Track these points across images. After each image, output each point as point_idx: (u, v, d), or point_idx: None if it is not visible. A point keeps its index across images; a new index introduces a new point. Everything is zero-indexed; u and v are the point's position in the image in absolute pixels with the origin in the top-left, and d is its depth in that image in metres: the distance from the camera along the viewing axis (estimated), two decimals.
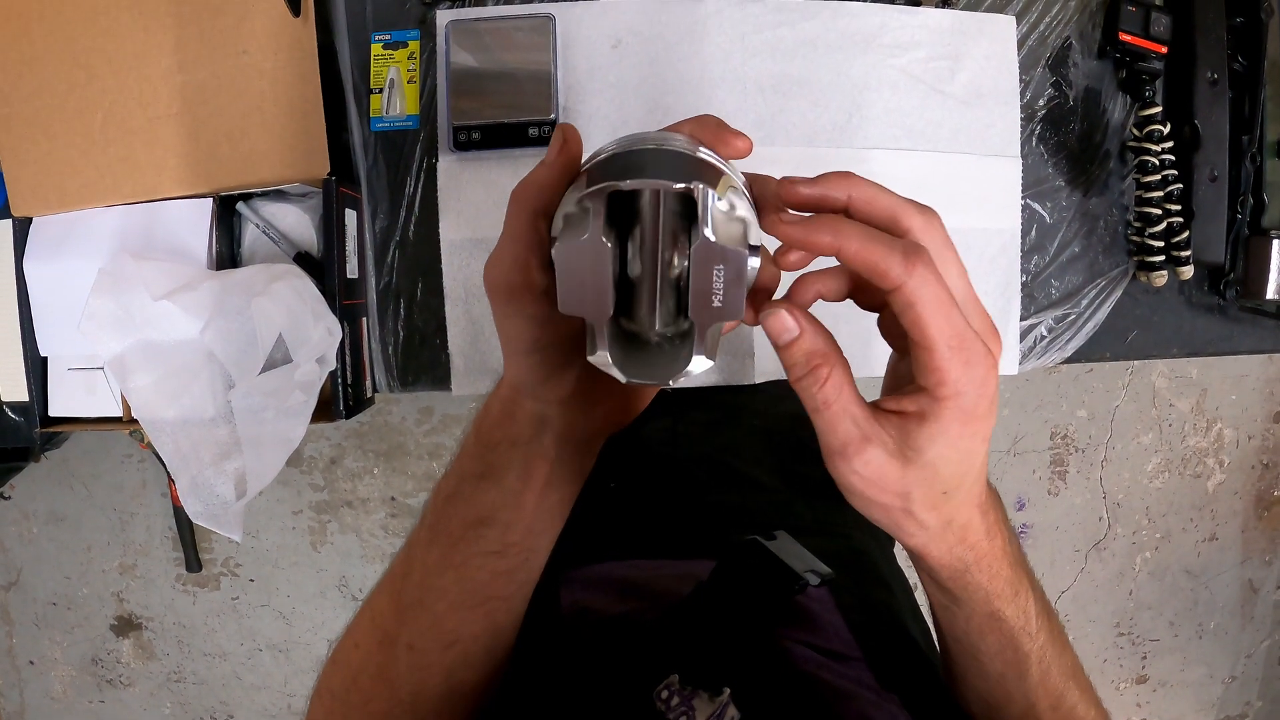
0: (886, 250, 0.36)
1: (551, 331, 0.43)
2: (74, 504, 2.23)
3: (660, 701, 0.50)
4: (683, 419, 0.94)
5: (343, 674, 0.56)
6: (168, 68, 0.91)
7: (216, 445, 0.85)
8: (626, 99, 0.91)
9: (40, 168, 0.94)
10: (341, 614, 2.25)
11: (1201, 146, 0.91)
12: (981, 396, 0.37)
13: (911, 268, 0.35)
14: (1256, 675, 2.35)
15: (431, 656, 0.52)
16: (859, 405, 0.39)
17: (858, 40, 0.91)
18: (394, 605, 0.53)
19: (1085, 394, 2.18)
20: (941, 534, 0.42)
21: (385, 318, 0.94)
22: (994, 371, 0.38)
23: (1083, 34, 0.95)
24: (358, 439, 2.17)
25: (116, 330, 0.85)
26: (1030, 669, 0.49)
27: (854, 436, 0.38)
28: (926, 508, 0.40)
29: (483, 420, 0.50)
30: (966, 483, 0.40)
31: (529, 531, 0.50)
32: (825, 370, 0.38)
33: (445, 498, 0.51)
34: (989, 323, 0.40)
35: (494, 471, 0.49)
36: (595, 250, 0.37)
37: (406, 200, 0.93)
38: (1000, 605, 0.46)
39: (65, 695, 2.35)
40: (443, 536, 0.51)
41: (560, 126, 0.41)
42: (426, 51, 0.92)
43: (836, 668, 0.55)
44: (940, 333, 0.36)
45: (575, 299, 0.37)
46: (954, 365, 0.36)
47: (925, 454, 0.38)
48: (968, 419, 0.38)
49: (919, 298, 0.36)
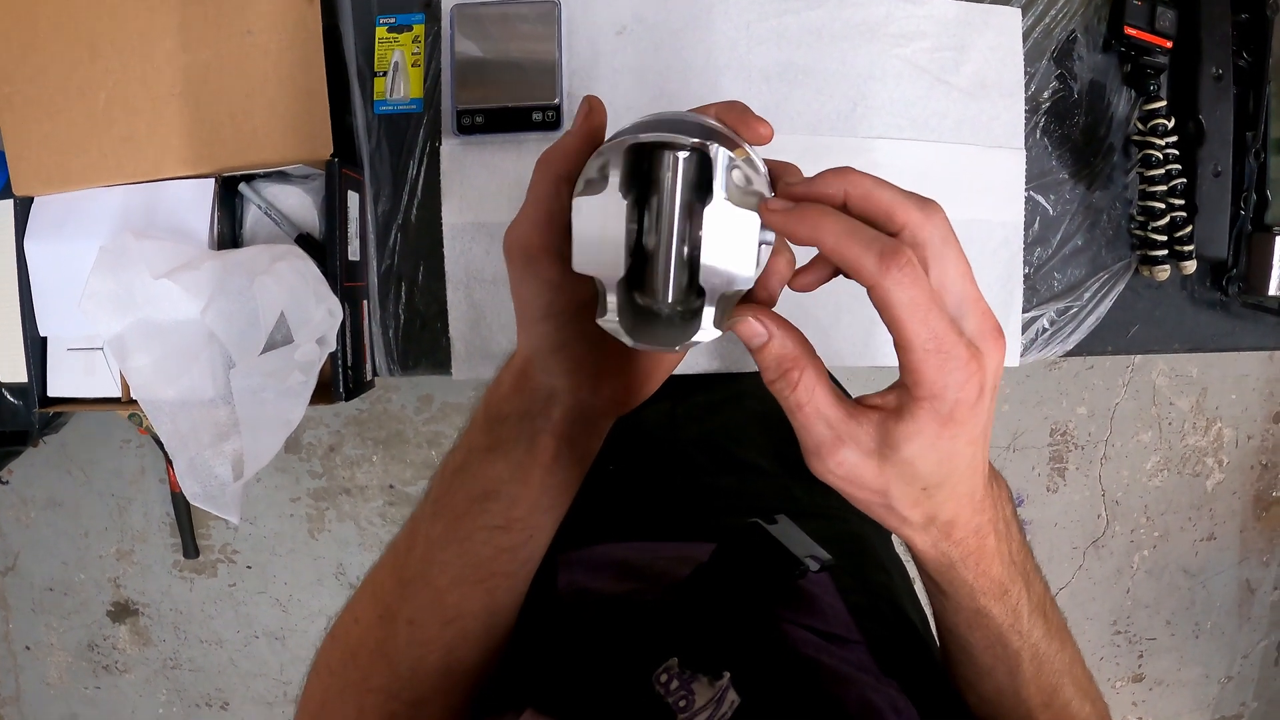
0: (863, 249, 0.35)
1: (566, 298, 0.43)
2: (72, 489, 2.23)
3: (659, 685, 0.50)
4: (682, 402, 0.94)
5: (341, 650, 0.56)
6: (172, 47, 0.91)
7: (215, 426, 0.85)
8: (631, 85, 0.91)
9: (43, 147, 0.93)
10: (338, 602, 2.21)
11: (1205, 142, 0.91)
12: (961, 400, 0.37)
13: (886, 269, 0.35)
14: (1252, 675, 2.35)
15: (431, 632, 0.52)
16: (833, 405, 0.39)
17: (863, 29, 0.91)
18: (396, 579, 0.53)
19: (1085, 391, 2.18)
20: (924, 528, 0.41)
21: (386, 301, 0.94)
22: (979, 376, 0.37)
23: (1088, 27, 0.94)
24: (357, 426, 2.17)
25: (116, 309, 0.85)
26: (1021, 665, 0.49)
27: (827, 438, 0.39)
28: (908, 504, 0.40)
29: (493, 393, 0.50)
30: (950, 481, 0.40)
31: (533, 508, 0.50)
32: (796, 374, 0.39)
33: (452, 471, 0.51)
34: (989, 324, 0.38)
35: (501, 445, 0.49)
36: (611, 207, 0.37)
37: (409, 183, 0.93)
38: (986, 602, 0.45)
39: (61, 681, 2.35)
40: (447, 510, 0.51)
41: (586, 98, 0.42)
42: (431, 35, 0.92)
43: (837, 651, 0.55)
44: (915, 335, 0.35)
45: (588, 257, 0.38)
46: (929, 368, 0.36)
47: (901, 452, 0.38)
48: (945, 421, 0.37)
49: (893, 299, 0.35)
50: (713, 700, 0.48)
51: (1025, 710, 0.51)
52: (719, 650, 0.51)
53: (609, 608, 0.60)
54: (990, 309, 0.39)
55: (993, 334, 0.38)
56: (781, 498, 0.80)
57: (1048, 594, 0.50)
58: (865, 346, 0.93)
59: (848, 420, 0.39)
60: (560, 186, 0.41)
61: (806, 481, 0.83)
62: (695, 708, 0.48)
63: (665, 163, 0.38)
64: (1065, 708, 0.51)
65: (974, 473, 0.41)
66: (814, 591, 0.60)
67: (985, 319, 0.38)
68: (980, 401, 0.37)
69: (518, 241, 0.43)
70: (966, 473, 0.40)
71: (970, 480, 0.41)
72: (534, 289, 0.44)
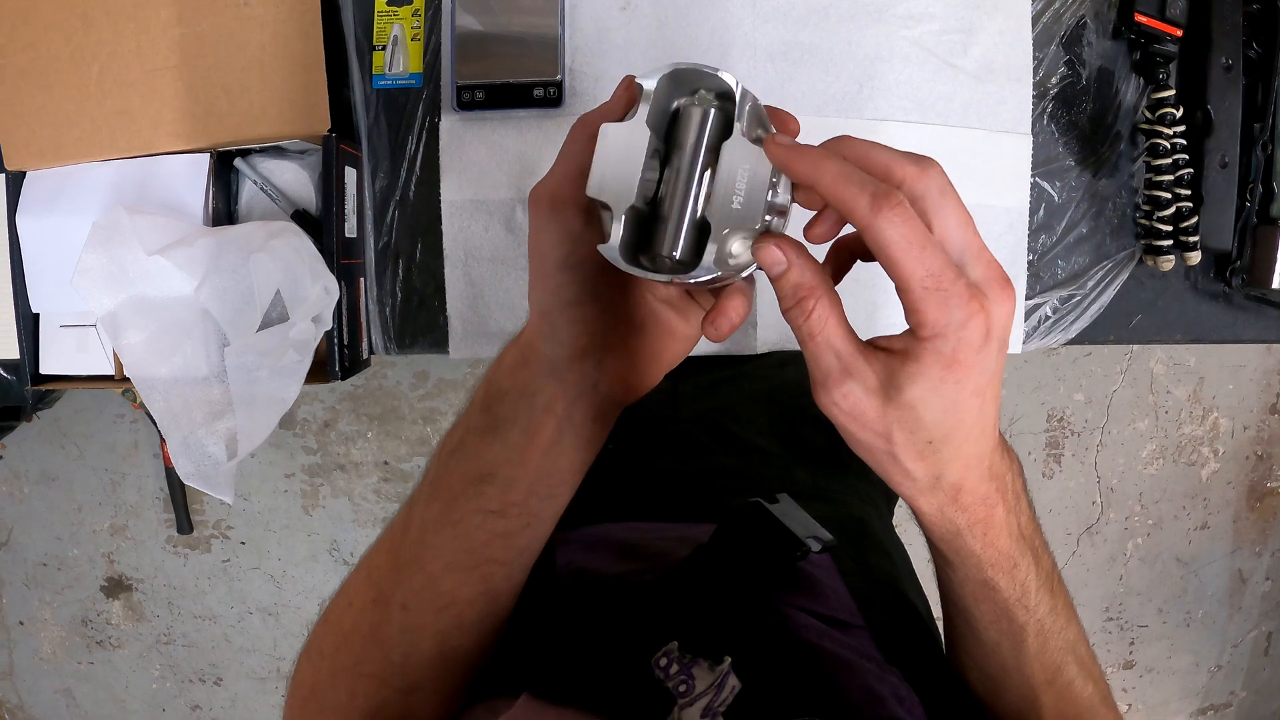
0: (857, 189, 0.36)
1: (584, 251, 0.44)
2: (65, 464, 2.23)
3: (659, 669, 0.49)
4: (683, 381, 0.94)
5: (334, 633, 0.56)
6: (167, 19, 0.89)
7: (209, 404, 0.84)
8: (635, 61, 0.90)
9: (35, 120, 0.92)
10: (332, 578, 2.25)
11: (1213, 132, 0.90)
12: (964, 341, 0.37)
13: (878, 209, 0.36)
14: (1242, 665, 2.36)
15: (425, 618, 0.51)
16: (845, 340, 0.39)
17: (871, 10, 0.90)
18: (391, 562, 0.53)
19: (1083, 378, 2.18)
20: (930, 489, 0.41)
21: (383, 278, 0.93)
22: (982, 317, 0.37)
23: (1098, 13, 0.93)
24: (352, 402, 2.16)
25: (110, 286, 0.84)
26: (1026, 640, 0.48)
27: (834, 369, 0.39)
28: (912, 455, 0.40)
29: (495, 370, 0.50)
30: (956, 438, 0.39)
31: (530, 493, 0.50)
32: (810, 303, 0.39)
33: (450, 451, 0.51)
34: (994, 272, 0.38)
35: (499, 425, 0.49)
36: (635, 135, 0.40)
37: (407, 159, 0.92)
38: (994, 575, 0.45)
39: (54, 656, 2.35)
40: (443, 491, 0.51)
41: (626, 77, 0.44)
42: (431, 9, 0.90)
43: (839, 636, 0.55)
44: (912, 273, 0.36)
45: (603, 182, 0.41)
46: (930, 306, 0.36)
47: (904, 393, 0.38)
48: (949, 363, 0.37)
49: (886, 238, 0.36)
50: (713, 685, 0.48)
51: (1028, 687, 0.51)
52: (720, 634, 0.51)
53: (608, 588, 0.60)
54: (996, 260, 0.39)
55: (999, 281, 0.38)
56: (783, 479, 0.80)
57: (1055, 570, 0.50)
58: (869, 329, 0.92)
59: (856, 355, 0.39)
60: (593, 145, 0.42)
61: (809, 463, 0.83)
62: (695, 692, 0.48)
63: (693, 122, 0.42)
64: (1069, 686, 0.51)
65: (982, 435, 0.40)
66: (816, 575, 0.60)
67: (990, 267, 0.39)
68: (987, 346, 0.37)
69: (546, 191, 0.44)
70: (974, 432, 0.40)
71: (979, 443, 0.40)
72: (555, 238, 0.44)
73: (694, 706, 0.47)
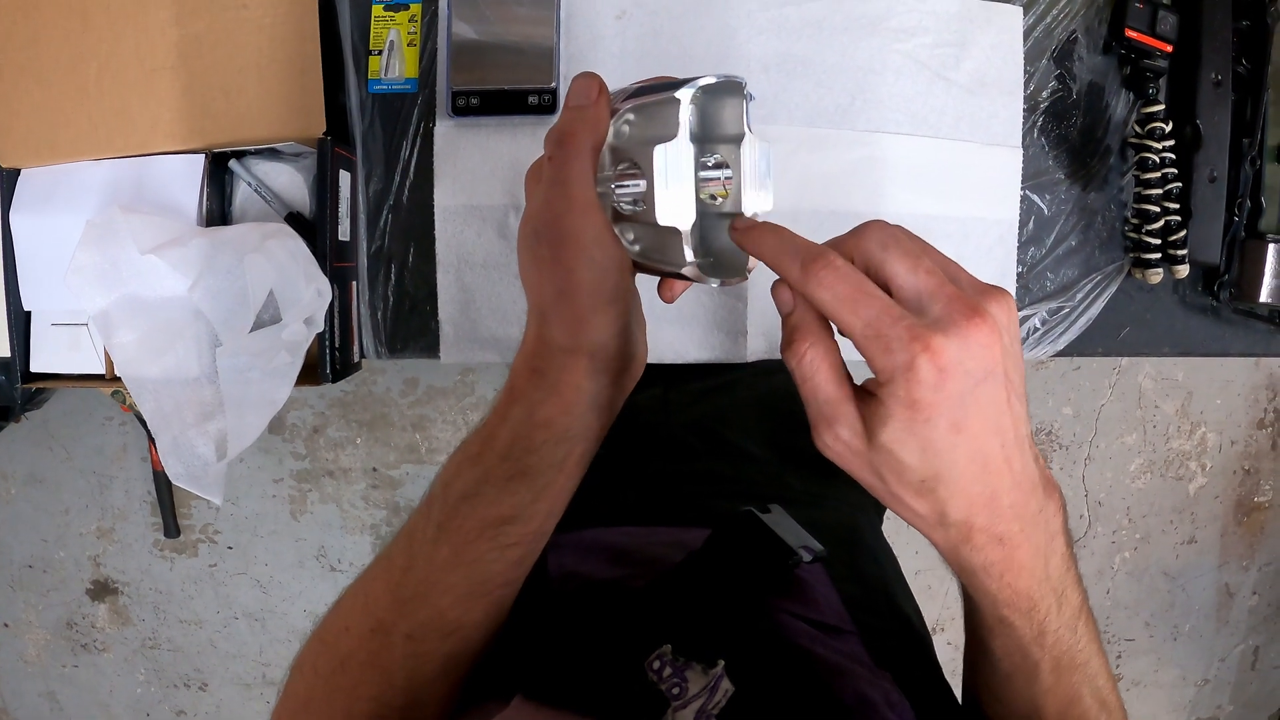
0: (790, 258, 0.39)
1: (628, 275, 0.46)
2: (53, 466, 2.21)
3: (651, 672, 0.49)
4: (674, 388, 0.94)
5: (330, 657, 0.54)
6: (165, 19, 0.89)
7: (199, 405, 0.84)
8: (629, 71, 0.90)
9: (32, 118, 0.92)
10: (319, 585, 2.24)
11: (1202, 147, 0.91)
12: (914, 382, 0.35)
13: (807, 274, 0.38)
14: (1229, 679, 2.37)
15: (431, 645, 0.51)
16: (833, 384, 0.40)
17: (864, 23, 0.91)
18: (392, 598, 0.52)
19: (1072, 391, 2.19)
20: (938, 527, 0.40)
21: (375, 282, 0.93)
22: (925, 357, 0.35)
23: (1089, 28, 0.94)
24: (341, 408, 2.15)
25: (102, 284, 0.83)
26: (1040, 674, 0.47)
27: (823, 414, 0.40)
28: (910, 494, 0.39)
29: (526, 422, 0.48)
30: (949, 476, 0.38)
31: (549, 516, 0.50)
32: (803, 347, 0.40)
33: (461, 497, 0.50)
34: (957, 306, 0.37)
35: (528, 472, 0.48)
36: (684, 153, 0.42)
37: (402, 164, 0.92)
38: (1009, 614, 0.44)
39: (39, 659, 2.33)
40: (454, 535, 0.50)
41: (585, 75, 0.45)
42: (428, 15, 0.91)
43: (830, 642, 0.55)
44: (851, 325, 0.37)
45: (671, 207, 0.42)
46: (875, 354, 0.37)
47: (879, 437, 0.38)
48: (908, 405, 0.36)
49: (820, 298, 0.38)
50: (706, 689, 0.48)
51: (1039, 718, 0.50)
52: (712, 638, 0.51)
53: (600, 593, 0.60)
54: (960, 294, 0.37)
55: (963, 313, 0.36)
56: (775, 485, 0.80)
57: (1084, 605, 0.48)
58: None
59: (844, 401, 0.39)
60: (595, 159, 0.43)
61: (800, 469, 0.84)
62: (688, 695, 0.48)
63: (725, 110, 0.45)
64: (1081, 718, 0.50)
65: (986, 472, 0.38)
66: (808, 580, 0.60)
67: (952, 303, 0.37)
68: (946, 383, 0.36)
69: (576, 228, 0.43)
70: (976, 472, 0.38)
71: (984, 481, 0.39)
72: (600, 273, 0.44)
73: (687, 709, 0.47)
